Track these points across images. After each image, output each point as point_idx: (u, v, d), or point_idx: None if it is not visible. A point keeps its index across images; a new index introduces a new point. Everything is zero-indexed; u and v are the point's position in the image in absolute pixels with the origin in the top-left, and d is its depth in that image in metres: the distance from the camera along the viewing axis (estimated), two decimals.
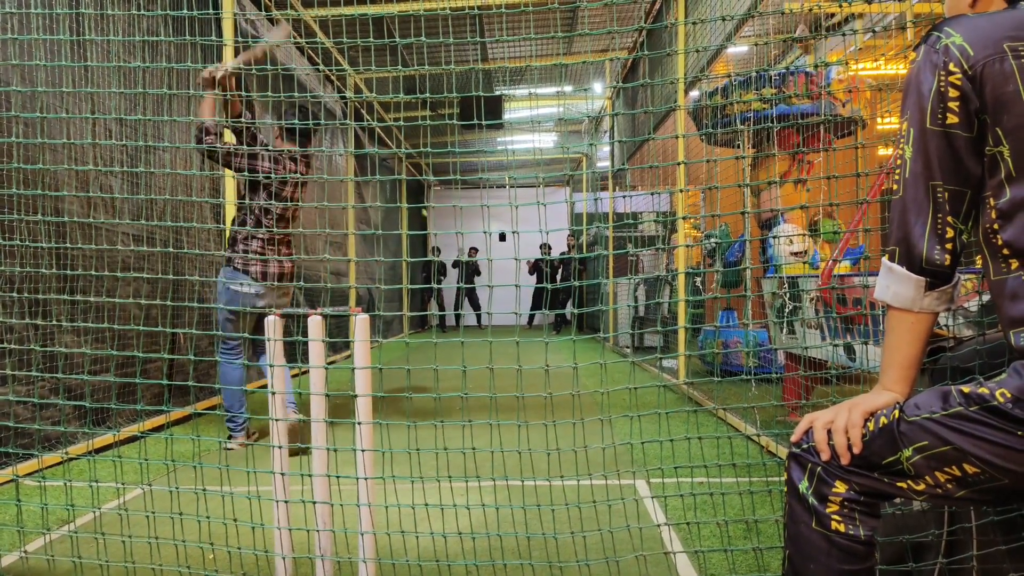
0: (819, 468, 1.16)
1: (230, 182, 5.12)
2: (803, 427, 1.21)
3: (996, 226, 1.10)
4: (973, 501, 1.12)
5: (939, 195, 1.12)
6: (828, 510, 1.14)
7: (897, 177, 1.17)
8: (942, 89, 1.10)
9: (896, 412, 1.13)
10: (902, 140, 1.16)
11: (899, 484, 1.12)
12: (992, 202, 1.10)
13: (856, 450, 1.14)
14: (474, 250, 14.11)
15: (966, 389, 1.07)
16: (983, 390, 1.05)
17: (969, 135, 1.10)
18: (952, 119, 1.10)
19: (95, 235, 3.87)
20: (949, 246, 1.13)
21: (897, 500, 1.23)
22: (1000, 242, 1.10)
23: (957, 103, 1.09)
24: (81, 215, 3.77)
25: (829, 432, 1.17)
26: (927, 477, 1.10)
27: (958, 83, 1.09)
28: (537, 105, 11.80)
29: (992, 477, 1.06)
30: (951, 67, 1.09)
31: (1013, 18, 1.09)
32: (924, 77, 1.12)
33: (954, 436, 1.06)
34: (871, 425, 1.14)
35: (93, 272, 2.42)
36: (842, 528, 1.13)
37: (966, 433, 1.05)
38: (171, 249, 2.54)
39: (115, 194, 4.10)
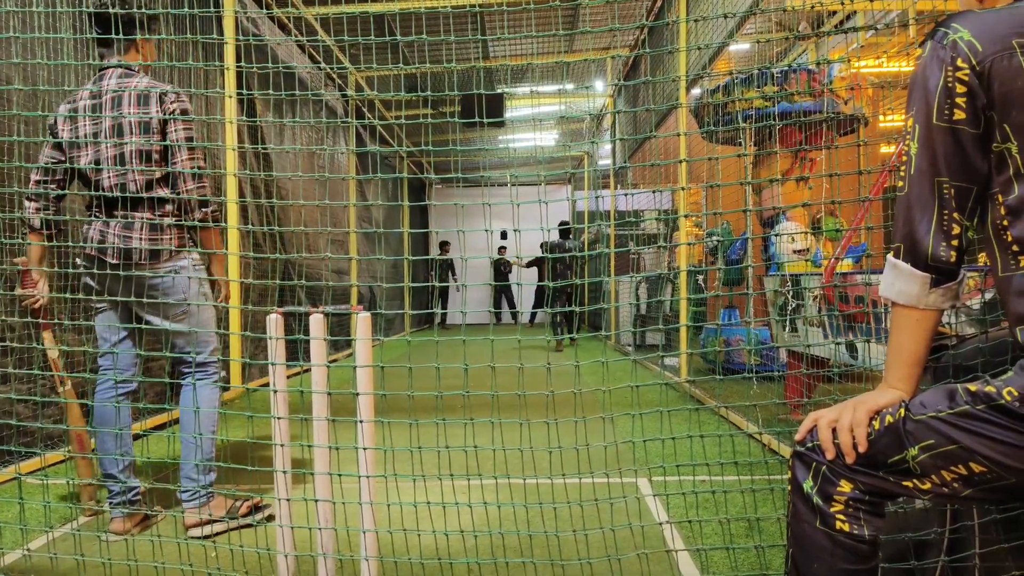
0: (824, 467, 1.16)
1: (232, 180, 5.12)
2: (807, 425, 1.20)
3: (1006, 222, 1.09)
4: (979, 500, 1.11)
5: (945, 192, 1.11)
6: (833, 509, 1.14)
7: (902, 174, 1.16)
8: (949, 85, 1.09)
9: (902, 410, 1.12)
10: (908, 136, 1.15)
11: (905, 483, 1.12)
12: (1000, 199, 1.09)
13: (861, 449, 1.13)
14: (503, 248, 14.28)
15: (973, 387, 1.07)
16: (990, 388, 1.05)
17: (976, 131, 1.09)
18: (959, 115, 1.09)
19: None
20: (955, 243, 1.12)
21: (900, 498, 1.23)
22: (1010, 238, 1.09)
23: (964, 99, 1.08)
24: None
25: (834, 431, 1.16)
26: (933, 476, 1.09)
27: (965, 79, 1.08)
28: (539, 103, 11.79)
29: (999, 476, 1.05)
30: (959, 63, 1.08)
31: (1022, 14, 1.08)
32: (931, 73, 1.11)
33: (961, 435, 1.05)
34: (876, 424, 1.13)
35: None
36: (847, 528, 1.13)
37: (973, 432, 1.04)
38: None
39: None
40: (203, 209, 2.41)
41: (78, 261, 2.48)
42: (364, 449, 1.83)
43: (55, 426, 2.29)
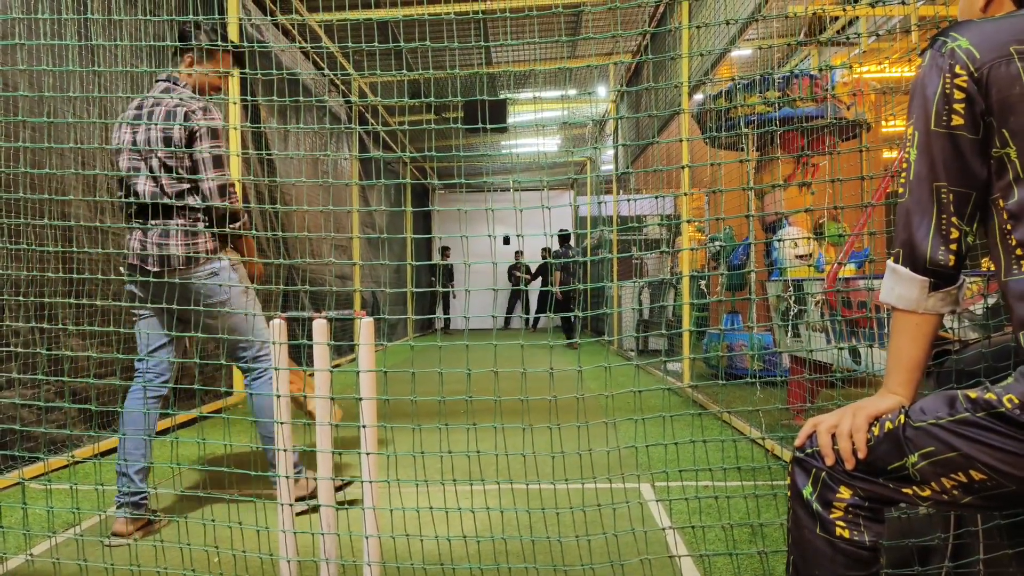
0: (823, 473, 1.16)
1: (236, 186, 5.13)
2: (807, 431, 1.21)
3: (1008, 226, 1.10)
4: (979, 507, 1.11)
5: (943, 196, 1.12)
6: (832, 516, 1.13)
7: (902, 180, 1.17)
8: (947, 91, 1.10)
9: (901, 417, 1.12)
10: (908, 143, 1.16)
11: (904, 490, 1.12)
12: (1002, 203, 1.10)
13: (861, 455, 1.13)
14: (519, 253, 14.34)
15: (973, 394, 1.07)
16: (990, 395, 1.05)
17: (975, 137, 1.10)
18: (957, 121, 1.10)
19: (102, 239, 3.88)
20: (954, 247, 1.13)
21: (902, 504, 1.23)
22: (1013, 242, 1.10)
23: (963, 105, 1.10)
24: (89, 219, 3.79)
25: (833, 436, 1.16)
26: (933, 483, 1.09)
27: (964, 85, 1.09)
28: (541, 109, 11.81)
29: (999, 484, 1.05)
30: (957, 69, 1.10)
31: (1021, 23, 1.09)
32: (929, 80, 1.12)
33: (961, 442, 1.05)
34: (876, 430, 1.13)
35: (99, 276, 2.43)
36: (846, 534, 1.12)
37: (973, 439, 1.04)
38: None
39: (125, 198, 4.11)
40: (232, 224, 2.51)
41: (121, 270, 2.60)
42: (367, 454, 1.83)
43: (59, 431, 2.30)
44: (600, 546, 2.22)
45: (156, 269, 2.47)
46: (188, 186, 2.48)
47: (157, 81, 2.61)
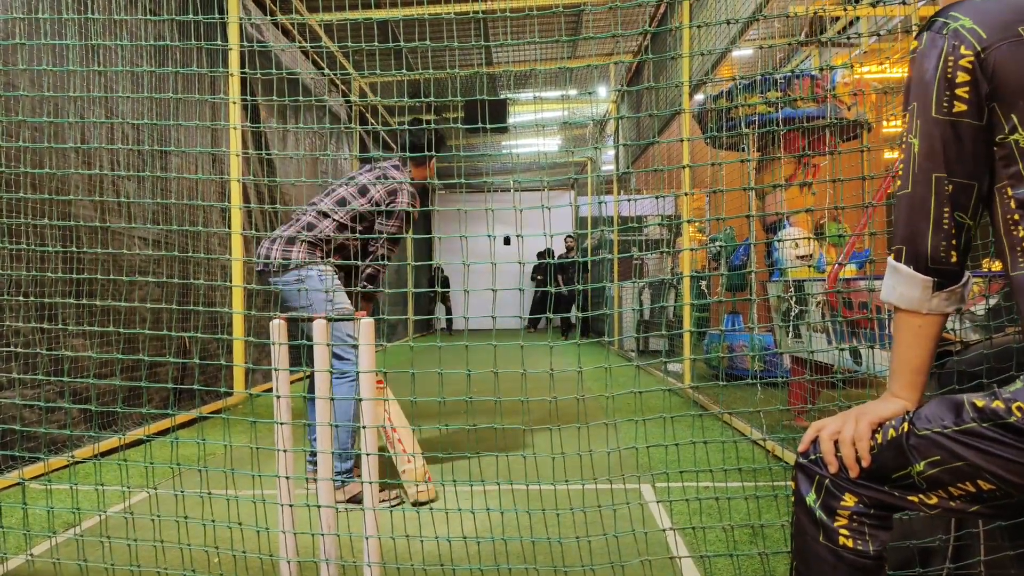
0: (827, 480, 1.12)
1: (236, 186, 5.13)
2: (809, 436, 1.17)
3: (1016, 217, 1.04)
4: (986, 516, 1.07)
5: (945, 188, 1.06)
6: (836, 524, 1.10)
7: (900, 172, 1.11)
8: (949, 74, 1.04)
9: (905, 424, 1.08)
10: (908, 133, 1.10)
11: (910, 498, 1.08)
12: (1009, 192, 1.04)
13: (864, 463, 1.09)
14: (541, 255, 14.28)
15: (980, 403, 1.02)
16: (997, 404, 1.00)
17: (979, 123, 1.04)
18: (960, 107, 1.04)
19: (104, 239, 3.88)
20: (955, 243, 1.07)
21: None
22: (1021, 234, 1.04)
23: (966, 88, 1.03)
24: (90, 219, 3.78)
25: (836, 443, 1.12)
26: (940, 491, 1.06)
27: (968, 66, 1.02)
28: (542, 109, 11.79)
29: (1007, 494, 1.02)
30: (962, 50, 1.03)
31: (1020, 3, 1.04)
32: (929, 63, 1.06)
33: (968, 452, 1.01)
34: (879, 437, 1.10)
35: (98, 276, 2.43)
36: (850, 543, 1.09)
37: (980, 450, 1.00)
38: (177, 253, 2.52)
39: (129, 198, 4.11)
40: (367, 284, 2.90)
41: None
42: (367, 455, 1.83)
43: (59, 431, 2.30)
44: (600, 547, 2.22)
45: (259, 268, 2.88)
46: (346, 224, 2.89)
47: (387, 159, 3.15)
